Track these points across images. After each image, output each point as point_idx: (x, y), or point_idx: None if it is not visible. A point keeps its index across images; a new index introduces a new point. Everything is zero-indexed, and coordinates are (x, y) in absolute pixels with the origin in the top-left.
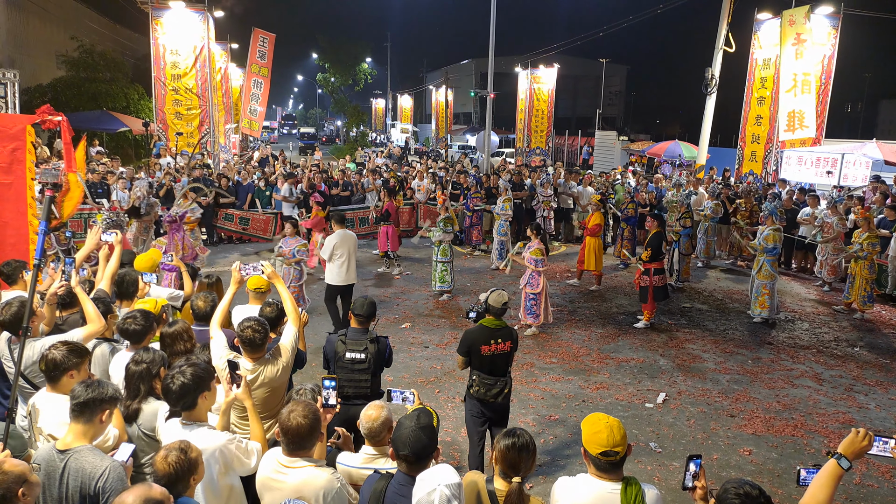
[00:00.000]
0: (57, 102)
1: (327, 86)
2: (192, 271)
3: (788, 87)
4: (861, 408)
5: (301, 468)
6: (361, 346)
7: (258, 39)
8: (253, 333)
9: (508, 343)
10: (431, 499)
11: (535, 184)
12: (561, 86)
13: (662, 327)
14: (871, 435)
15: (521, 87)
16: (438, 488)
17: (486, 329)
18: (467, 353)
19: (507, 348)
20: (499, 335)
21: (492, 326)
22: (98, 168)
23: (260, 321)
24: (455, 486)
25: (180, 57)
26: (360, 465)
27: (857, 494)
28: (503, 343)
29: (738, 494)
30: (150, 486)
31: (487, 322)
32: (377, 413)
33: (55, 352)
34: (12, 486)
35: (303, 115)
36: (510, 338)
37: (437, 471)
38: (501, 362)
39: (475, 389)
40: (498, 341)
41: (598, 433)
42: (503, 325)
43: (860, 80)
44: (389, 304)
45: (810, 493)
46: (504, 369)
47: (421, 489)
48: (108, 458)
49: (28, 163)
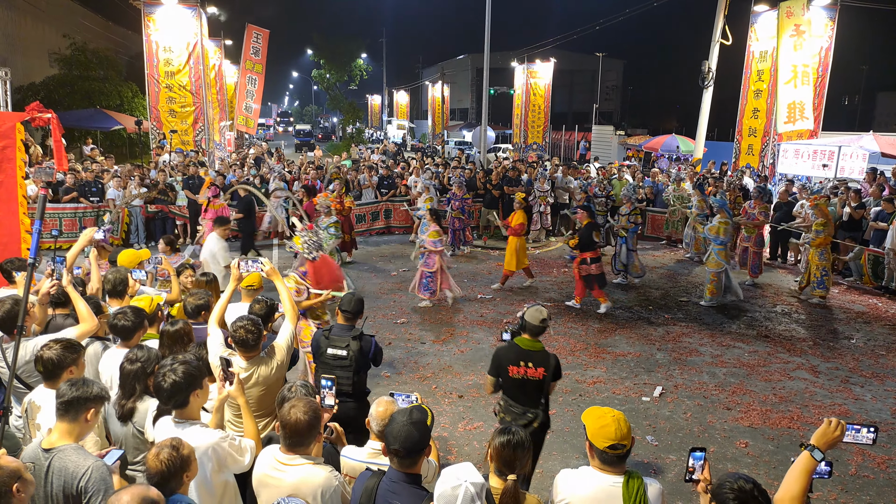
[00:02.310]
0: (50, 101)
1: (323, 82)
2: None
3: (788, 79)
4: (857, 399)
5: (299, 466)
6: (344, 342)
7: (252, 36)
8: (246, 334)
9: (541, 370)
10: (456, 493)
11: (532, 179)
12: (557, 81)
13: (659, 322)
14: (844, 424)
15: (518, 82)
16: (465, 484)
17: (517, 348)
18: (496, 373)
19: (539, 375)
20: (530, 358)
21: (524, 346)
22: (92, 167)
23: (253, 321)
24: (479, 487)
25: (173, 54)
26: (364, 460)
27: (852, 485)
28: (534, 368)
29: (733, 489)
30: (148, 488)
31: (521, 341)
32: (385, 408)
33: (49, 351)
34: (7, 481)
35: (298, 112)
36: (544, 364)
37: (463, 468)
38: (532, 390)
39: (501, 416)
40: (528, 364)
41: (605, 427)
42: (539, 349)
43: (857, 73)
44: (386, 300)
45: (785, 486)
46: (535, 399)
47: (445, 482)
48: (91, 457)
49: (18, 161)
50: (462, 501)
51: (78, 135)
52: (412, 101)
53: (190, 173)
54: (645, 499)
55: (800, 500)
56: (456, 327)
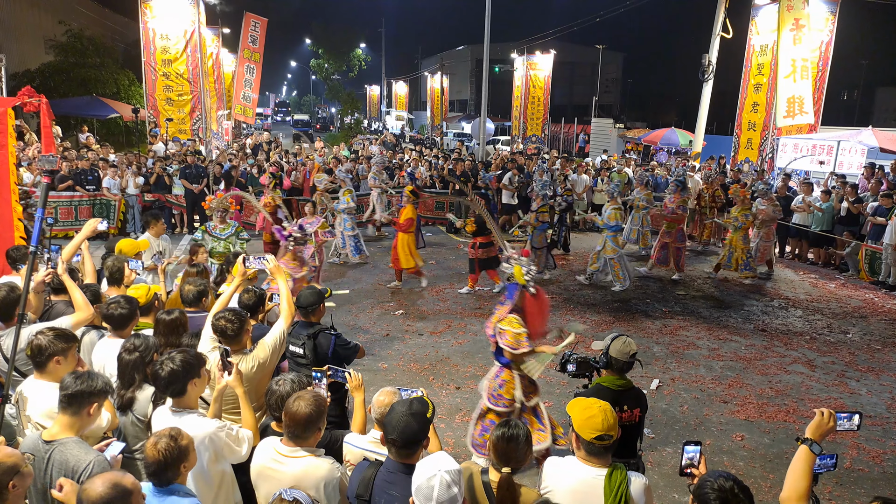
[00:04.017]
0: (45, 88)
1: (321, 72)
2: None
3: (787, 73)
4: (853, 393)
5: (301, 458)
6: (300, 340)
7: (250, 24)
8: (226, 324)
9: (637, 411)
10: (431, 484)
11: (531, 171)
12: (557, 73)
13: (656, 315)
14: (834, 414)
15: (518, 74)
16: (438, 474)
17: (609, 391)
18: None
19: (636, 418)
20: (625, 399)
21: (615, 388)
22: (88, 155)
23: (236, 312)
24: (455, 473)
25: (170, 42)
26: (366, 447)
27: (847, 479)
28: (630, 411)
29: (714, 488)
30: (123, 475)
31: (608, 381)
32: (388, 398)
33: (41, 337)
34: (2, 477)
35: (296, 102)
36: (640, 403)
37: (436, 457)
38: (628, 437)
39: None
40: (624, 408)
41: (592, 417)
42: (630, 385)
43: (857, 68)
44: (384, 291)
45: (790, 484)
46: (633, 447)
47: (421, 475)
48: (93, 451)
49: (10, 147)
50: (439, 490)
51: (74, 123)
52: (411, 91)
53: (189, 162)
54: (627, 493)
55: (806, 497)
56: (453, 319)
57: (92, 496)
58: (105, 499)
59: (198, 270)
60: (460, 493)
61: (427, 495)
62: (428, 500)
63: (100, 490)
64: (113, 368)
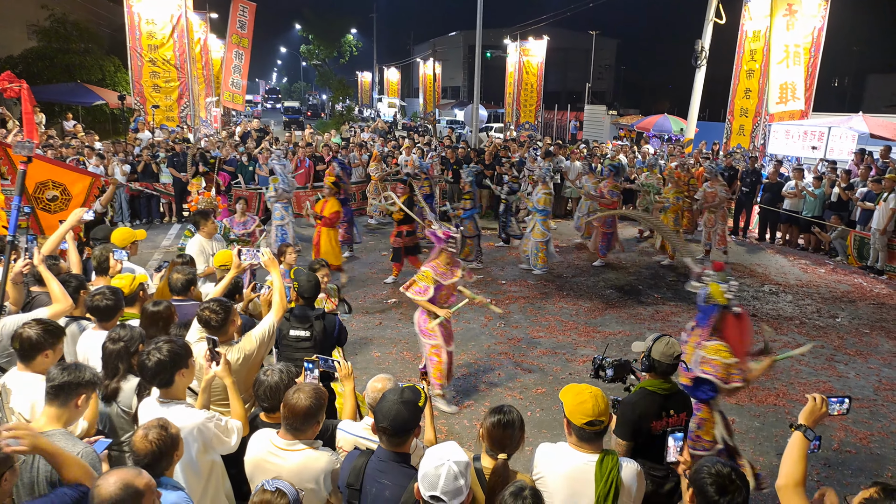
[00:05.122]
0: (28, 74)
1: (311, 58)
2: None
3: (780, 59)
4: (841, 377)
5: (300, 451)
6: (307, 322)
7: (238, 8)
8: (210, 314)
9: (683, 415)
10: (438, 473)
11: (523, 157)
12: (550, 59)
13: (649, 301)
14: (826, 399)
15: (511, 60)
16: (447, 463)
17: (655, 396)
18: (633, 436)
19: (682, 422)
20: (671, 403)
21: (661, 392)
22: (73, 143)
23: (221, 303)
24: (464, 465)
25: (157, 27)
26: (361, 434)
27: (835, 460)
28: (676, 416)
29: (711, 474)
30: (138, 473)
31: (652, 385)
32: (383, 385)
33: (30, 330)
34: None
35: (287, 88)
36: (686, 406)
37: (447, 447)
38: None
39: None
40: (670, 412)
41: (583, 403)
42: (676, 389)
43: (848, 55)
44: (376, 280)
45: (786, 471)
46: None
47: (429, 462)
48: (80, 443)
49: None
50: (445, 480)
51: (58, 110)
52: (403, 78)
53: (176, 150)
54: (618, 479)
55: (803, 483)
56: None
57: (102, 495)
58: (114, 499)
59: (184, 262)
60: (466, 485)
61: (432, 483)
62: (433, 488)
63: (111, 489)
64: (97, 360)
